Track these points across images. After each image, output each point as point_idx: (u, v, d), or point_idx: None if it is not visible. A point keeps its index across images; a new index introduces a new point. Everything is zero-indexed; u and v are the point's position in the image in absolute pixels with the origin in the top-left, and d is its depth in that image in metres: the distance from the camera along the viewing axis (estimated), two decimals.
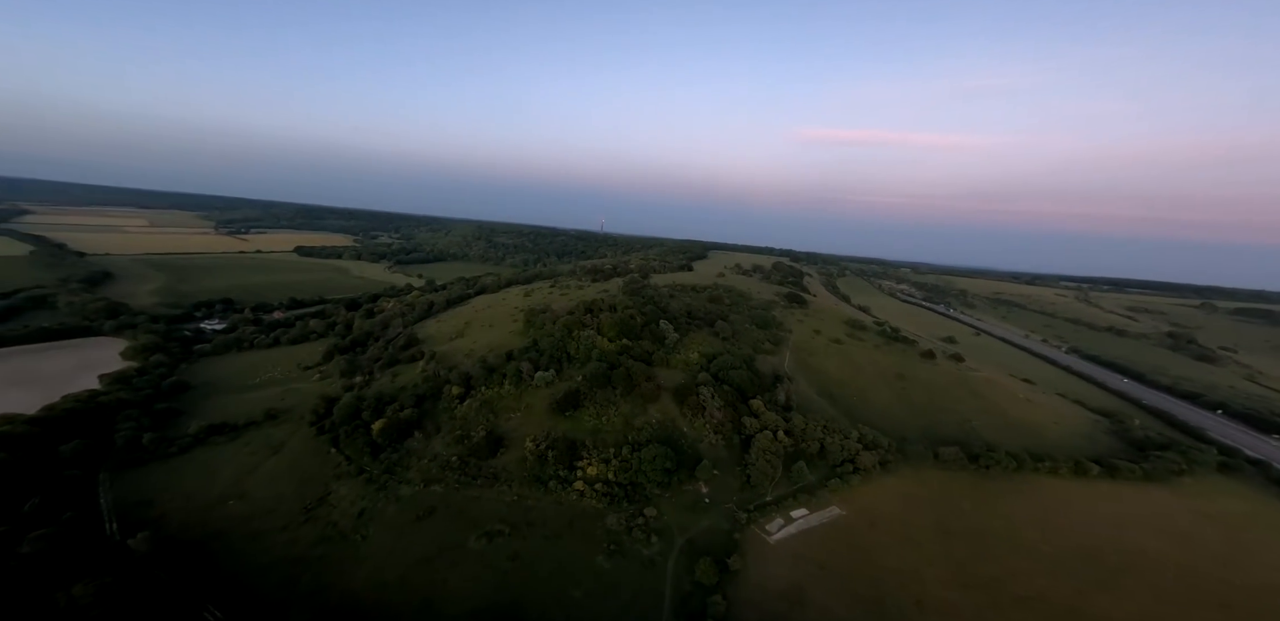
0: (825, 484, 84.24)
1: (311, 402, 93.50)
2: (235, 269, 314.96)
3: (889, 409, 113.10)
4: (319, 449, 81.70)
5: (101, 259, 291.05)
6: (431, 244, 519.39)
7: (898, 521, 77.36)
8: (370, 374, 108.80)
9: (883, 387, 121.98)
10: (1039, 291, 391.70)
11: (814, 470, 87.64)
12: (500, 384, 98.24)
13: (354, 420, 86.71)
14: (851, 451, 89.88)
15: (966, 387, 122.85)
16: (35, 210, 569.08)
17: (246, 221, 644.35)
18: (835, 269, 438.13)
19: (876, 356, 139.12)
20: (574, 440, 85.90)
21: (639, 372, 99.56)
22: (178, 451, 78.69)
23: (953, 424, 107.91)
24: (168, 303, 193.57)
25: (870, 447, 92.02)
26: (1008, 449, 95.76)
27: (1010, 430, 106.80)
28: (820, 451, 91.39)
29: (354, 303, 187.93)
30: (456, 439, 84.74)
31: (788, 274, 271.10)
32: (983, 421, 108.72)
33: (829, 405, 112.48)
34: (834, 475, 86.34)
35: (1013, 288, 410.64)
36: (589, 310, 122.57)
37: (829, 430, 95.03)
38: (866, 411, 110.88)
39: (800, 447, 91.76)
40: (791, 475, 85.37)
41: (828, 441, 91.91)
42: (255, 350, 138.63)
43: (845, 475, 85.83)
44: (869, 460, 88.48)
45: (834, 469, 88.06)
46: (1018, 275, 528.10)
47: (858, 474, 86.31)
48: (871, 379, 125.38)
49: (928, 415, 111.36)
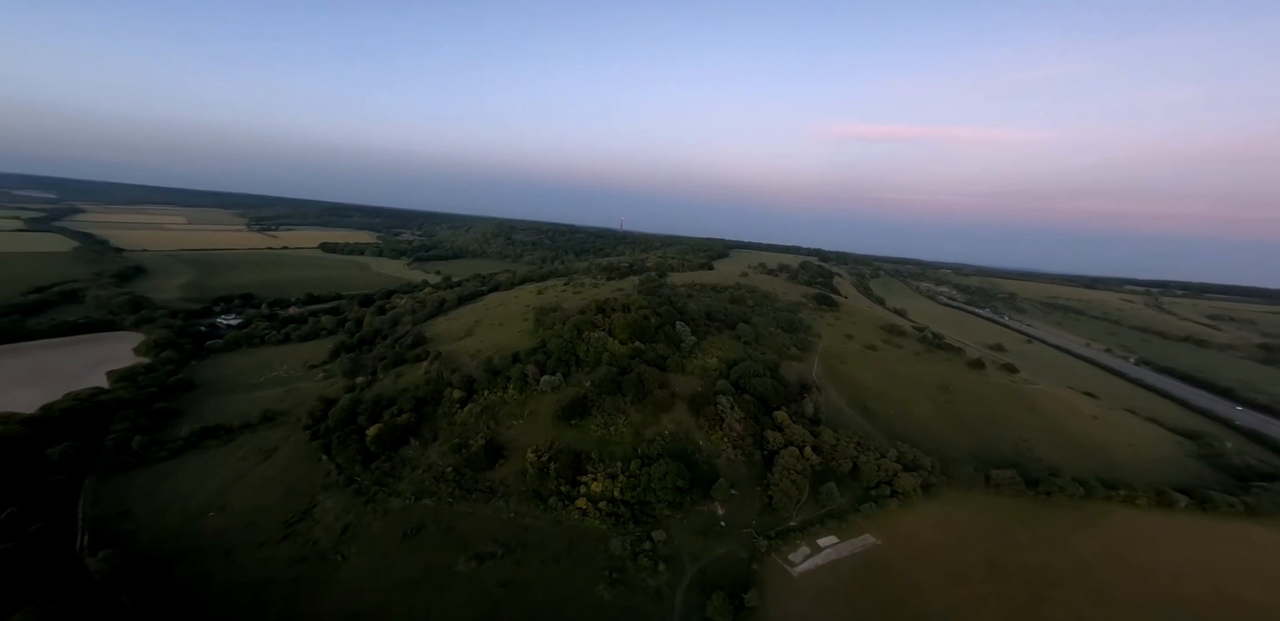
0: (858, 508, 76.82)
1: (309, 404, 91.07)
2: (261, 264, 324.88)
3: (931, 424, 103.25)
4: (311, 455, 78.84)
5: (138, 255, 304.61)
6: (451, 241, 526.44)
7: (942, 554, 69.19)
8: (373, 374, 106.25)
9: (924, 400, 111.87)
10: (1101, 296, 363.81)
11: (845, 492, 79.86)
12: (504, 388, 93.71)
13: (349, 425, 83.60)
14: (889, 472, 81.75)
15: (1022, 402, 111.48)
16: (88, 209, 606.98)
17: (277, 219, 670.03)
18: (868, 269, 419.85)
19: (917, 365, 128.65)
20: (579, 452, 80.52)
21: (652, 378, 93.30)
22: (167, 456, 77.24)
23: (1006, 443, 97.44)
24: (191, 297, 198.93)
25: (910, 468, 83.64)
26: (1073, 473, 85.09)
27: (1074, 451, 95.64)
28: (853, 471, 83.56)
29: (368, 299, 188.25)
30: (454, 447, 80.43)
31: (816, 274, 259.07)
32: (1041, 440, 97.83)
33: (863, 419, 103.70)
34: (868, 498, 78.80)
35: (1070, 291, 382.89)
36: (600, 310, 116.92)
37: (863, 447, 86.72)
38: (905, 427, 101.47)
39: (830, 466, 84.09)
40: (819, 497, 78.06)
41: (861, 460, 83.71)
42: (266, 346, 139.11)
43: (881, 499, 78.27)
44: (909, 482, 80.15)
45: (868, 491, 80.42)
46: (1074, 278, 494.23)
47: (895, 498, 78.52)
48: (911, 390, 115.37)
49: (976, 432, 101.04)
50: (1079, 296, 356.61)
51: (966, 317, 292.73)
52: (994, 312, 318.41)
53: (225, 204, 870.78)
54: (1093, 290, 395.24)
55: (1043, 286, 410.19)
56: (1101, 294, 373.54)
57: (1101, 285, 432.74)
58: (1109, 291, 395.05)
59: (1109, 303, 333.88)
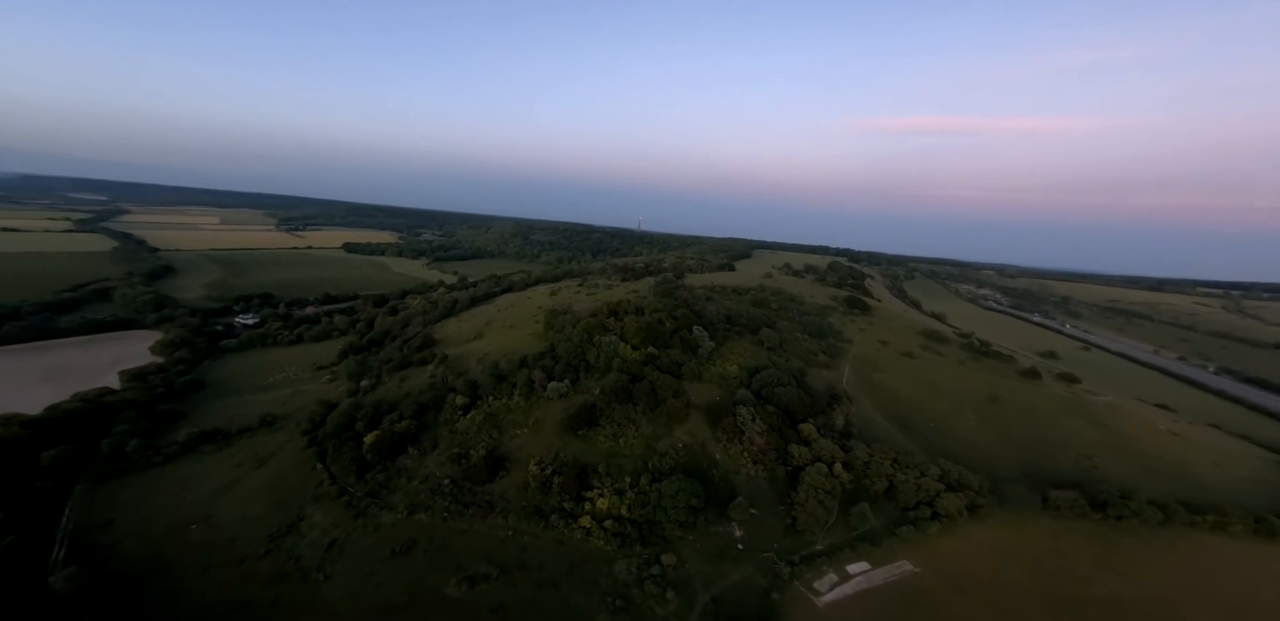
0: (894, 531, 70.72)
1: (311, 409, 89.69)
2: (286, 264, 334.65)
3: (978, 439, 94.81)
4: (306, 463, 77.07)
5: (171, 254, 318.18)
6: (470, 241, 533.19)
7: (992, 584, 62.28)
8: (378, 377, 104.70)
9: (969, 413, 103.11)
10: (1170, 299, 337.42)
11: (879, 514, 73.64)
12: (509, 394, 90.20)
13: (346, 431, 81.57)
14: (930, 492, 75.18)
15: (1084, 415, 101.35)
16: (132, 210, 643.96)
17: (305, 219, 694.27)
18: (901, 270, 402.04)
19: (961, 374, 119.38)
20: (584, 465, 76.32)
21: (665, 386, 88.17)
22: (162, 461, 76.75)
23: (1066, 460, 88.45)
24: (214, 296, 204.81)
25: (955, 487, 76.75)
26: (1149, 495, 75.94)
27: (1149, 471, 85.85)
28: (888, 490, 77.25)
29: (382, 299, 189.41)
30: (453, 457, 77.21)
31: (846, 275, 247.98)
32: (1108, 458, 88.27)
33: (899, 433, 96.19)
34: (906, 521, 72.58)
35: (1132, 294, 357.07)
36: (612, 313, 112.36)
37: (900, 464, 79.80)
38: (948, 442, 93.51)
39: (862, 485, 77.98)
40: (850, 518, 72.19)
41: (899, 478, 77.15)
42: (279, 347, 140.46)
43: (921, 521, 71.95)
44: (953, 503, 73.29)
45: (906, 513, 74.27)
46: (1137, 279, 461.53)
47: (937, 520, 71.97)
48: (955, 402, 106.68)
49: (1031, 449, 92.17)
50: (1144, 299, 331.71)
51: (1013, 322, 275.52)
52: (1044, 317, 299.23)
53: (257, 204, 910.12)
54: (1160, 293, 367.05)
55: (1100, 288, 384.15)
56: (1170, 297, 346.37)
57: (1171, 287, 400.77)
58: (1179, 294, 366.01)
59: (1180, 306, 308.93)
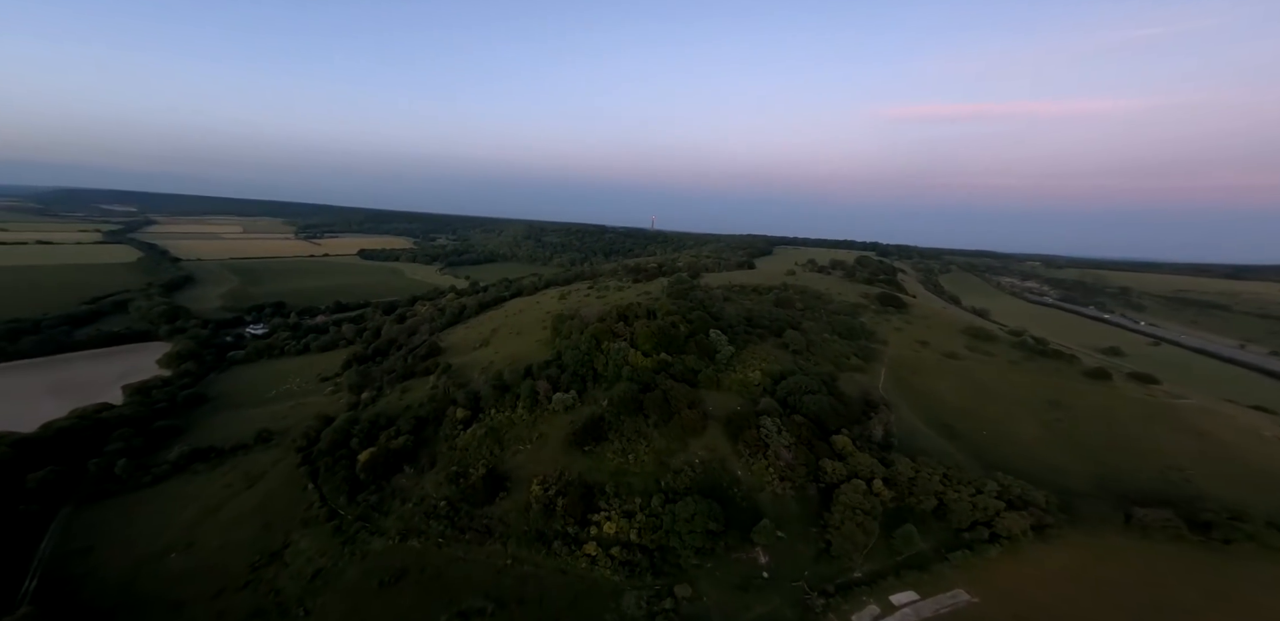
0: (945, 556, 63.65)
1: (307, 424, 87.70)
2: (302, 272, 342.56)
3: (1040, 450, 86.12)
4: (297, 483, 74.76)
5: (192, 264, 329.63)
6: (483, 245, 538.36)
7: (1066, 616, 54.44)
8: (379, 388, 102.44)
9: (1027, 419, 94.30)
10: (1251, 287, 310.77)
11: (927, 536, 66.42)
12: (513, 406, 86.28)
13: (340, 449, 78.98)
14: (987, 510, 67.55)
15: (1168, 420, 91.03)
16: (160, 220, 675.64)
17: (323, 226, 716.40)
18: (936, 264, 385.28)
19: (1015, 376, 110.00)
20: (591, 484, 71.59)
21: (680, 396, 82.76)
22: (151, 481, 75.60)
23: (1149, 473, 78.83)
24: (228, 306, 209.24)
25: (1017, 505, 68.82)
26: (1265, 516, 66.45)
27: (1256, 486, 74.99)
28: (938, 509, 69.88)
29: (391, 306, 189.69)
30: (451, 476, 73.58)
31: (877, 270, 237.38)
32: (1204, 471, 78.05)
33: (947, 443, 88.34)
34: (960, 544, 65.44)
35: (1204, 283, 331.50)
36: (622, 317, 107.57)
37: (951, 480, 72.52)
38: (1004, 452, 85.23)
39: (906, 503, 70.82)
40: (893, 542, 65.44)
41: (950, 496, 69.84)
42: (286, 357, 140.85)
43: (978, 544, 64.79)
44: (1016, 523, 65.45)
45: (959, 534, 67.05)
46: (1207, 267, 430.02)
47: (997, 543, 64.54)
48: (1009, 407, 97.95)
49: (1105, 460, 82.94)
50: (1219, 288, 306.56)
51: (1067, 317, 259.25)
52: (1101, 311, 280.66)
53: (278, 212, 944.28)
54: (1238, 280, 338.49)
55: (1164, 278, 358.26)
56: (1251, 285, 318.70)
57: (1249, 275, 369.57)
58: (1262, 281, 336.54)
59: (1266, 295, 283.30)
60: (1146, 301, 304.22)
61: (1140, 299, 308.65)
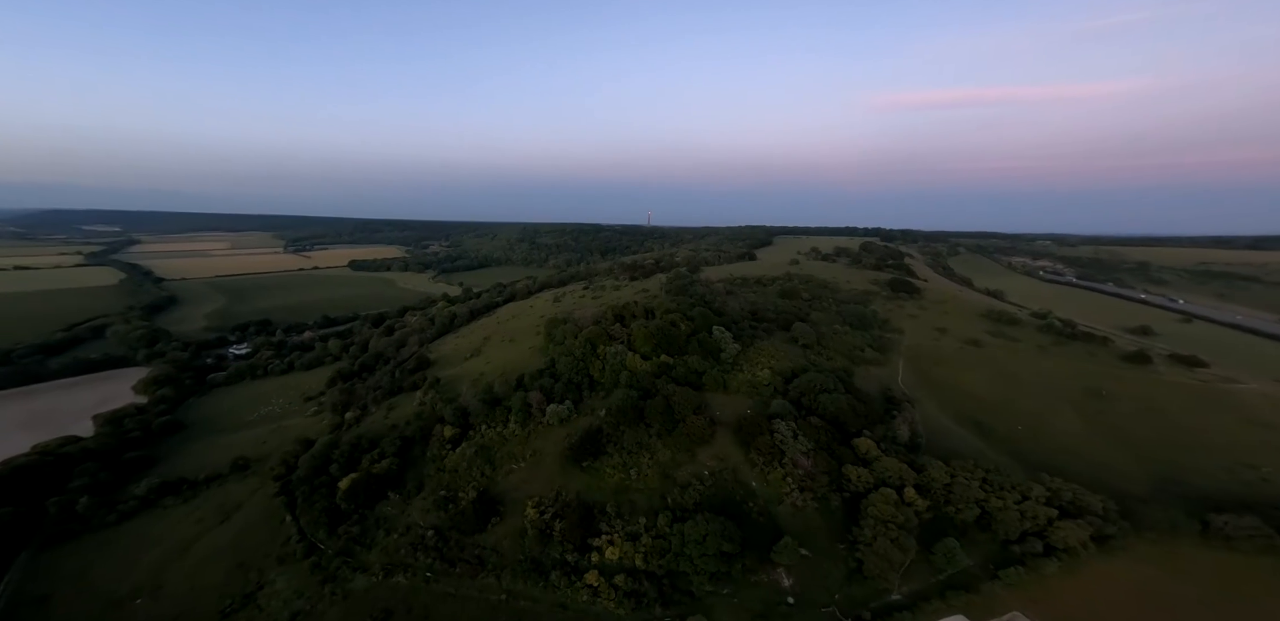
0: (995, 573, 58.74)
1: (286, 449, 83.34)
2: (290, 287, 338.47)
3: (1085, 447, 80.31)
4: (274, 515, 70.31)
5: (177, 284, 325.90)
6: (476, 250, 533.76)
7: None
8: (365, 407, 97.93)
9: (1067, 413, 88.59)
10: (1277, 257, 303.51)
11: (972, 550, 61.22)
12: (504, 421, 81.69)
13: (320, 475, 74.51)
14: (1038, 519, 62.50)
15: (1227, 408, 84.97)
16: (144, 240, 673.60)
17: (312, 239, 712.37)
18: (944, 246, 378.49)
19: (1046, 363, 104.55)
20: (590, 504, 67.00)
21: (683, 402, 78.00)
22: (116, 519, 71.24)
23: (1217, 471, 72.63)
24: (213, 326, 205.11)
25: (1071, 513, 63.85)
26: None
27: None
28: (980, 519, 64.82)
29: (380, 318, 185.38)
30: (439, 501, 69.01)
31: (884, 255, 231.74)
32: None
33: (979, 441, 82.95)
34: (1010, 559, 60.47)
35: (1227, 255, 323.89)
36: (618, 318, 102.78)
37: (992, 485, 67.31)
38: (1046, 451, 79.76)
39: (944, 513, 65.80)
40: (934, 558, 60.24)
41: (993, 503, 64.72)
42: (269, 377, 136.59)
43: (1031, 558, 59.89)
44: (1074, 534, 60.37)
45: (1008, 547, 62.15)
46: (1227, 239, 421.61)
47: (1054, 557, 59.70)
48: (1045, 399, 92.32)
49: (1161, 456, 76.95)
50: (1244, 259, 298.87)
51: (1087, 295, 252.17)
52: (1121, 287, 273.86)
53: (267, 227, 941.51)
54: (1262, 252, 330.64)
55: (1183, 251, 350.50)
56: (1276, 254, 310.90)
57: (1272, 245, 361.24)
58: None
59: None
60: (1168, 276, 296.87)
61: (1160, 273, 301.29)
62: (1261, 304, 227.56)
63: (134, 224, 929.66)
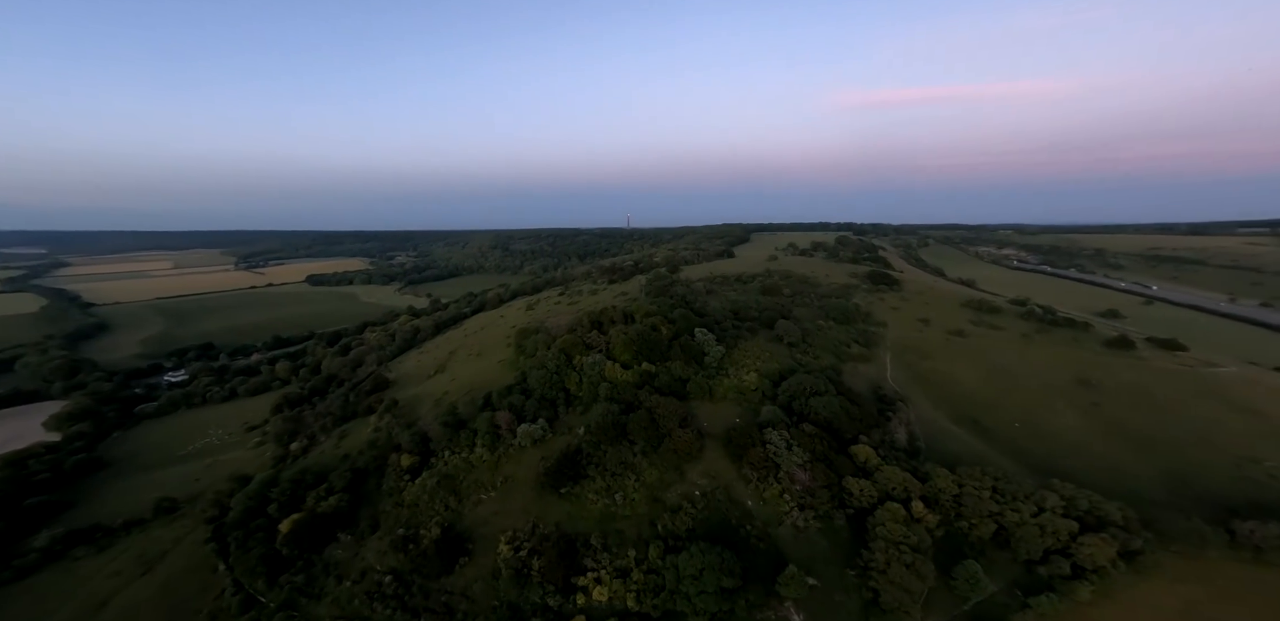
0: (1025, 601, 53.67)
1: (221, 487, 73.87)
2: (240, 306, 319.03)
3: (1086, 444, 77.29)
4: (205, 564, 61.20)
5: (109, 309, 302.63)
6: (446, 259, 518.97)
7: None
8: (312, 436, 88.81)
9: (1061, 406, 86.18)
10: (1217, 242, 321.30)
11: (994, 573, 56.24)
12: (470, 445, 74.36)
13: (257, 517, 65.67)
14: (1059, 535, 57.19)
15: (1216, 397, 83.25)
16: (73, 262, 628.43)
17: (267, 254, 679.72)
18: (913, 239, 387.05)
19: (1033, 353, 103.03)
20: (572, 536, 60.44)
21: (669, 413, 72.39)
22: (13, 577, 60.77)
23: (1223, 466, 69.37)
24: (148, 353, 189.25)
25: (1091, 524, 58.81)
26: None
27: None
28: (997, 535, 59.88)
29: (336, 336, 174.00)
30: (397, 541, 61.27)
31: (860, 248, 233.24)
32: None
33: (978, 442, 79.54)
34: (1039, 583, 55.42)
35: (1173, 240, 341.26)
36: (595, 324, 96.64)
37: (1004, 494, 62.30)
38: (1047, 450, 76.40)
39: (956, 528, 61.17)
40: (955, 584, 55.17)
41: (1009, 516, 59.78)
42: (208, 406, 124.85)
43: (1059, 581, 54.69)
44: (1101, 551, 55.33)
45: (1032, 569, 57.25)
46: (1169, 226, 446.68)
47: (1084, 579, 54.41)
48: (1037, 392, 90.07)
49: (1163, 451, 73.90)
50: (1188, 244, 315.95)
51: (1052, 281, 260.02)
52: (1083, 272, 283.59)
53: (216, 243, 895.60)
54: (1202, 237, 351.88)
55: (1134, 238, 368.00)
56: (1215, 240, 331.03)
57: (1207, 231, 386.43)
58: (1225, 236, 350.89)
59: (1233, 249, 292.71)
60: (1123, 261, 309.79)
61: (1116, 258, 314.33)
62: (1210, 285, 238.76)
63: (62, 245, 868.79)
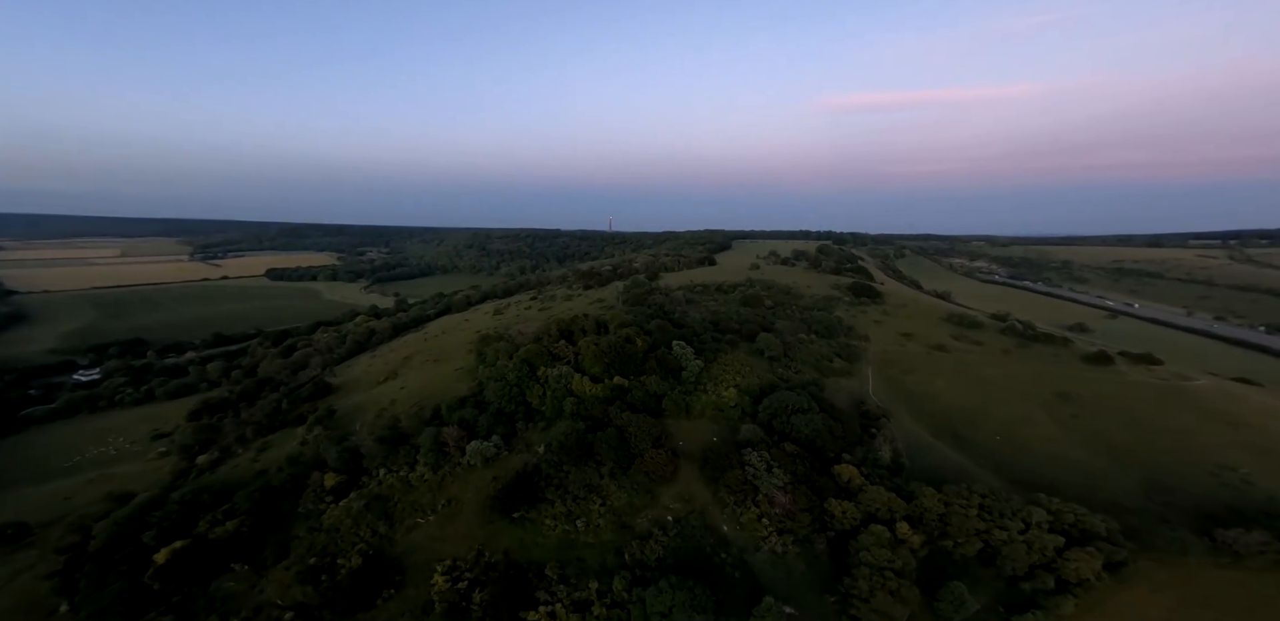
0: (1009, 619, 50.54)
1: (91, 510, 61.56)
2: (186, 300, 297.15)
3: (1065, 454, 74.76)
4: (44, 605, 49.74)
5: (34, 297, 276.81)
6: (419, 257, 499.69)
7: None
8: (226, 449, 76.84)
9: (1040, 418, 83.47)
10: (1172, 254, 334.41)
11: (976, 590, 52.43)
12: (410, 463, 64.70)
13: (125, 545, 54.23)
14: (1044, 549, 54.11)
15: (1192, 408, 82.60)
16: (6, 245, 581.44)
17: (227, 245, 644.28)
18: (890, 249, 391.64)
19: (1013, 367, 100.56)
20: (524, 566, 52.49)
21: (641, 432, 64.84)
22: None
23: (1201, 476, 68.33)
24: (65, 348, 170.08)
25: (1075, 537, 55.95)
26: None
27: None
28: (982, 553, 56.15)
29: (283, 335, 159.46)
30: (307, 571, 51.56)
31: (842, 259, 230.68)
32: (1261, 469, 68.04)
33: (961, 455, 75.02)
34: (1024, 601, 52.27)
35: (1133, 252, 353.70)
36: (564, 333, 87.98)
37: (990, 511, 58.24)
38: (1028, 463, 73.33)
39: (940, 547, 56.93)
40: (939, 605, 51.25)
41: (996, 534, 55.93)
42: (118, 409, 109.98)
43: (1044, 597, 52.05)
44: (1087, 565, 52.48)
45: (1015, 584, 53.90)
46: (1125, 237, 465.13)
47: (1068, 593, 51.81)
48: (1017, 405, 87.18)
49: (1141, 461, 72.38)
50: (1146, 257, 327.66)
51: (1022, 295, 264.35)
52: (1050, 286, 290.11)
53: (173, 232, 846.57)
54: (1159, 249, 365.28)
55: (1098, 250, 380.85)
56: (1172, 252, 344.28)
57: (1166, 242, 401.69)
58: (1179, 248, 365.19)
59: (1187, 261, 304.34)
60: (1088, 274, 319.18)
61: (1081, 271, 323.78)
62: (1167, 298, 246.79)
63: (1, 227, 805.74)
